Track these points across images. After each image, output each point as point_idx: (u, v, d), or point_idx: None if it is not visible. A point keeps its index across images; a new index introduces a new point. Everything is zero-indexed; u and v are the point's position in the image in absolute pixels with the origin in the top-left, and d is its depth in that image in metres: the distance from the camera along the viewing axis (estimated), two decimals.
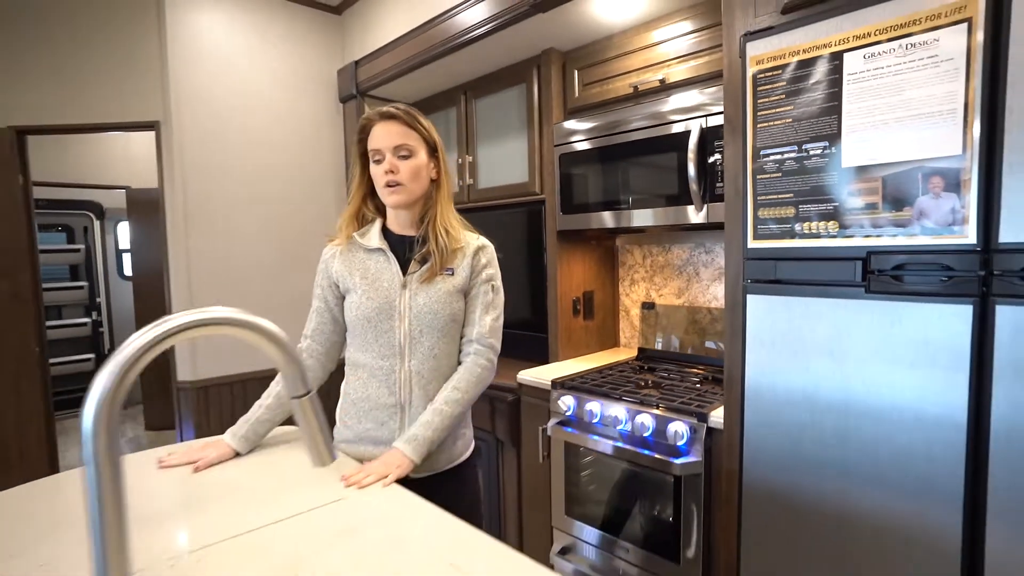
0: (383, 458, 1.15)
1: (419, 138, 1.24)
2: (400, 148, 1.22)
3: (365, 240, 1.28)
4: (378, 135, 1.23)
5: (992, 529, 1.02)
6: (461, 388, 1.24)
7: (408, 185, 1.23)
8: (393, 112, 1.23)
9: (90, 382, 0.53)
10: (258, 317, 0.62)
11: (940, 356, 1.06)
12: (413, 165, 1.23)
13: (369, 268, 1.27)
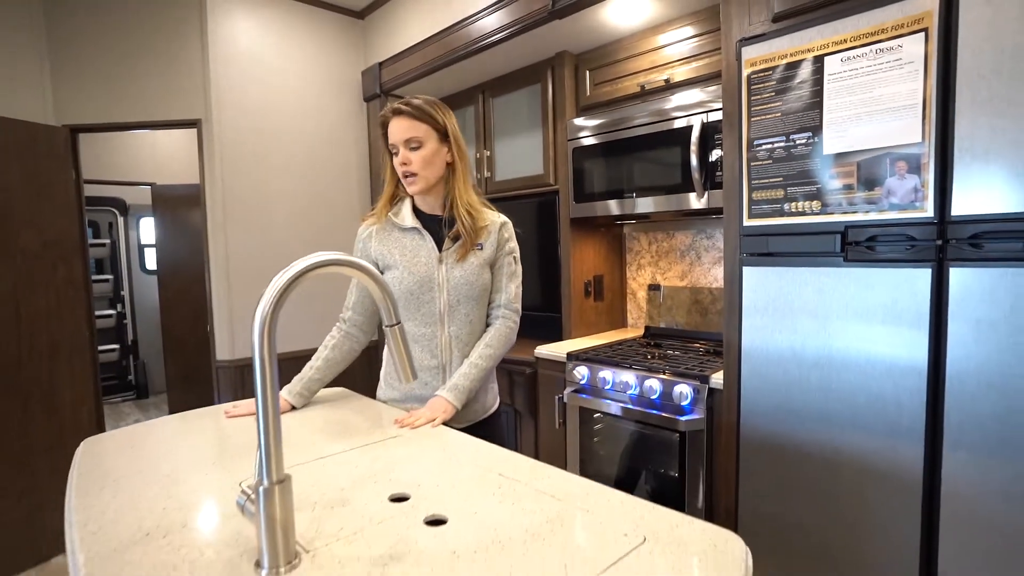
0: (429, 404, 1.34)
1: (427, 128, 1.36)
2: (410, 141, 1.35)
3: (399, 220, 1.42)
4: (392, 130, 1.37)
5: (947, 458, 1.21)
6: (493, 345, 1.43)
7: (422, 173, 1.36)
8: (400, 108, 1.36)
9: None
10: (361, 260, 0.81)
11: (905, 314, 1.25)
12: (423, 155, 1.35)
13: (406, 246, 1.42)
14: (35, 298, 2.46)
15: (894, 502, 1.29)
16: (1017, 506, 1.13)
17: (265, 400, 0.71)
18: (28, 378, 2.43)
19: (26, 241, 2.43)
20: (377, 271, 0.83)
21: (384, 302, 0.84)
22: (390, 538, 0.79)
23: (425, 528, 0.83)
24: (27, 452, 2.43)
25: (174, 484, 1.00)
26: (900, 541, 1.28)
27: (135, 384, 5.66)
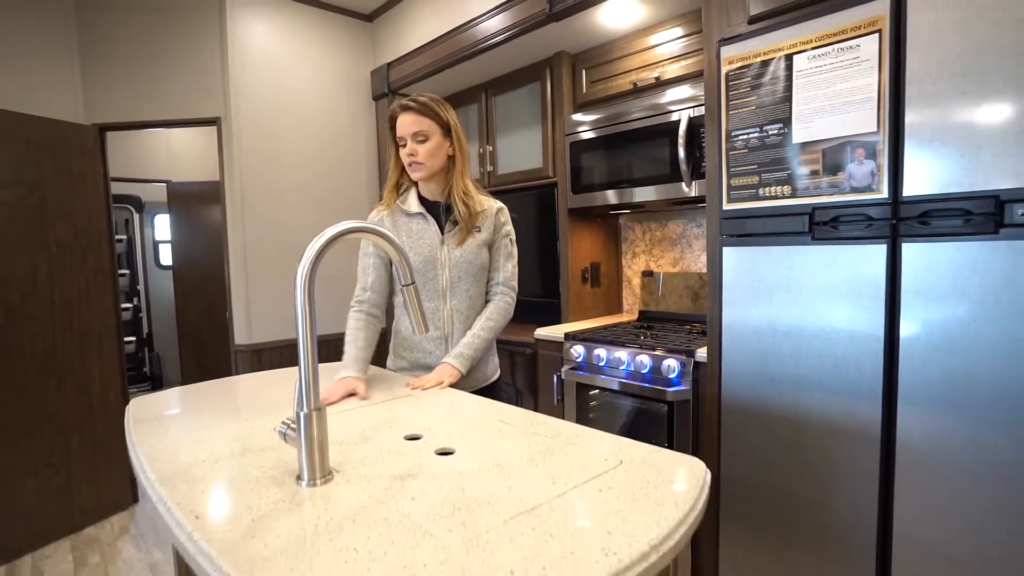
0: (437, 370, 1.49)
1: (432, 123, 1.49)
2: (417, 134, 1.48)
3: (406, 206, 1.57)
4: (400, 124, 1.50)
5: (901, 414, 1.35)
6: (493, 318, 1.58)
7: (426, 163, 1.50)
8: (409, 104, 1.49)
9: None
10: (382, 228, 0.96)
11: (865, 285, 1.39)
12: (428, 147, 1.50)
13: (412, 229, 1.56)
14: (68, 285, 2.63)
15: (856, 455, 1.43)
16: (960, 454, 1.27)
17: (305, 343, 0.86)
18: (62, 360, 2.60)
19: (59, 232, 2.60)
20: (393, 237, 0.98)
21: (401, 265, 0.99)
22: (406, 463, 0.94)
23: (436, 457, 0.98)
24: (61, 428, 2.60)
25: (216, 429, 1.15)
26: (861, 490, 1.42)
27: (150, 375, 5.84)
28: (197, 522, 0.76)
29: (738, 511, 1.70)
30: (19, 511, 2.44)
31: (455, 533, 0.71)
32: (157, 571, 2.32)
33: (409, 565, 0.64)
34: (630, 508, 0.77)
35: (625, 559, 0.65)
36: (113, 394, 2.83)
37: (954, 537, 1.28)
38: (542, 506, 0.77)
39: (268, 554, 0.67)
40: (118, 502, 2.88)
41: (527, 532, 0.70)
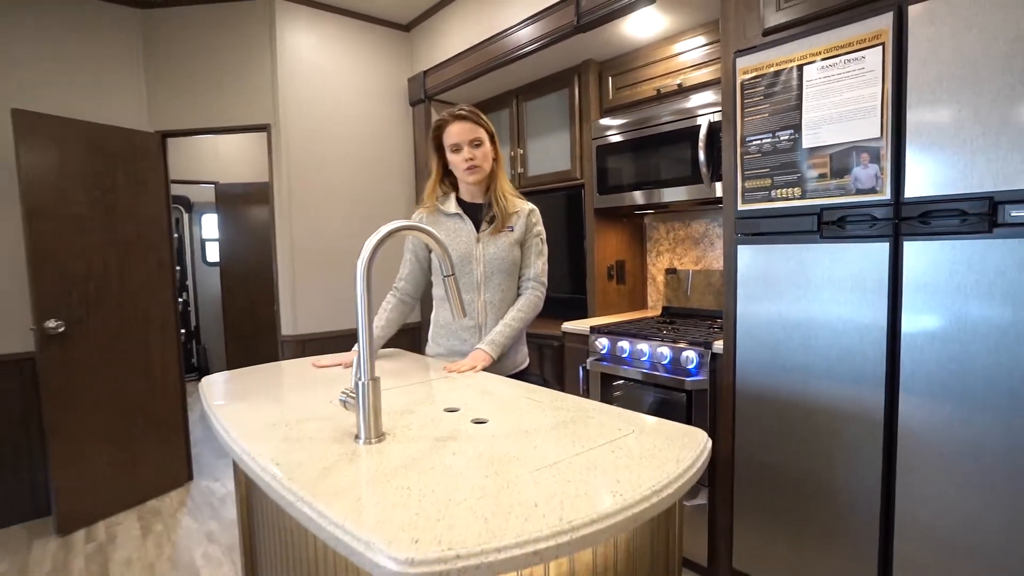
0: (471, 355, 1.64)
1: (484, 131, 1.66)
2: (474, 140, 1.64)
3: (445, 207, 1.72)
4: (456, 131, 1.64)
5: (903, 399, 1.44)
6: (523, 310, 1.72)
7: (482, 165, 1.67)
8: (465, 113, 1.64)
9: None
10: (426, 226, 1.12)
11: (869, 281, 1.49)
12: (484, 150, 1.66)
13: (450, 228, 1.72)
14: (133, 278, 2.88)
15: (860, 439, 1.53)
16: (956, 438, 1.36)
17: (363, 325, 1.02)
18: (128, 345, 2.85)
19: (127, 230, 2.85)
20: (437, 234, 1.13)
21: (443, 258, 1.15)
22: (446, 429, 1.10)
23: (472, 424, 1.13)
24: (128, 407, 2.85)
25: (281, 399, 1.33)
26: (865, 471, 1.52)
27: (197, 366, 6.17)
28: (277, 468, 0.93)
29: (751, 491, 1.81)
30: (93, 482, 2.70)
31: (489, 479, 0.85)
32: (213, 538, 2.54)
33: (453, 499, 0.79)
34: (637, 464, 0.90)
35: (629, 499, 0.79)
36: (172, 378, 3.08)
37: (952, 518, 1.38)
38: (562, 461, 0.92)
39: (339, 489, 0.83)
40: (176, 479, 3.13)
41: (549, 479, 0.85)
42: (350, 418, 1.17)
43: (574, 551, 0.72)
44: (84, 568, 2.32)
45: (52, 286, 2.54)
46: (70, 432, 2.61)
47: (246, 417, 1.21)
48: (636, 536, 0.96)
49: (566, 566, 0.86)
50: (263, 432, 1.11)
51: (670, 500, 0.84)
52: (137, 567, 2.32)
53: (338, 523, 0.74)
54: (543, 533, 0.70)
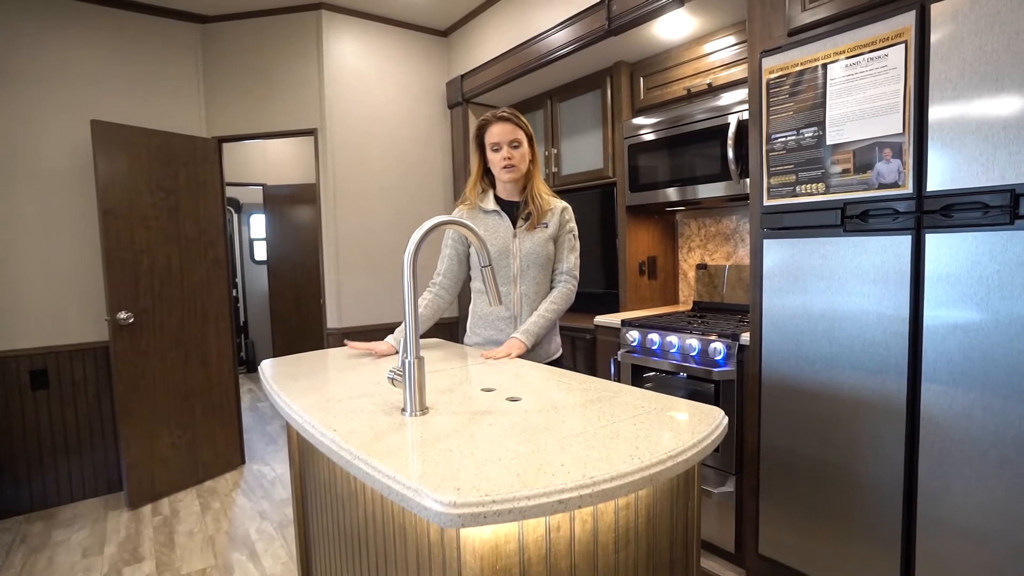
0: (506, 343, 1.75)
1: (523, 133, 1.77)
2: (513, 141, 1.75)
3: (484, 204, 1.83)
4: (497, 131, 1.75)
5: (925, 389, 1.48)
6: (556, 302, 1.82)
7: (519, 166, 1.77)
8: (507, 115, 1.76)
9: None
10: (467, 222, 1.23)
11: (891, 274, 1.53)
12: (521, 152, 1.77)
13: (489, 224, 1.83)
14: (193, 273, 3.11)
15: (883, 427, 1.57)
16: (977, 426, 1.39)
17: (410, 310, 1.14)
18: (188, 335, 3.08)
19: (188, 229, 3.07)
20: (476, 228, 1.24)
21: (481, 250, 1.26)
22: (483, 405, 1.21)
23: (506, 402, 1.24)
24: (188, 393, 3.08)
25: (332, 380, 1.47)
26: (888, 460, 1.56)
27: (246, 359, 6.49)
28: (334, 434, 1.06)
29: (776, 479, 1.86)
30: (158, 461, 2.93)
31: (521, 445, 0.96)
32: (265, 516, 2.73)
33: (489, 459, 0.90)
34: (656, 434, 0.99)
35: (647, 461, 0.88)
36: (227, 368, 3.29)
37: (974, 506, 1.41)
38: (588, 432, 1.01)
39: (390, 450, 0.95)
40: (230, 461, 3.34)
41: (575, 446, 0.95)
42: (395, 395, 1.30)
43: (595, 503, 0.82)
44: (153, 537, 2.53)
45: (123, 280, 2.77)
46: (139, 415, 2.85)
47: (304, 395, 1.35)
48: (656, 503, 1.05)
49: (590, 525, 0.96)
50: (320, 406, 1.24)
51: (684, 465, 0.93)
52: (199, 538, 2.52)
53: (390, 475, 0.85)
54: (568, 486, 0.80)
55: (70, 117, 2.88)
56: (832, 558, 1.71)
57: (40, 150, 2.83)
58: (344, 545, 1.48)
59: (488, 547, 0.85)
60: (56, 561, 2.36)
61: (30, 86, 2.79)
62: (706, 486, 2.13)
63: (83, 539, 2.54)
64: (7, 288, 2.77)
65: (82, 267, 2.93)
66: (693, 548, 1.16)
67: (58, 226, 2.88)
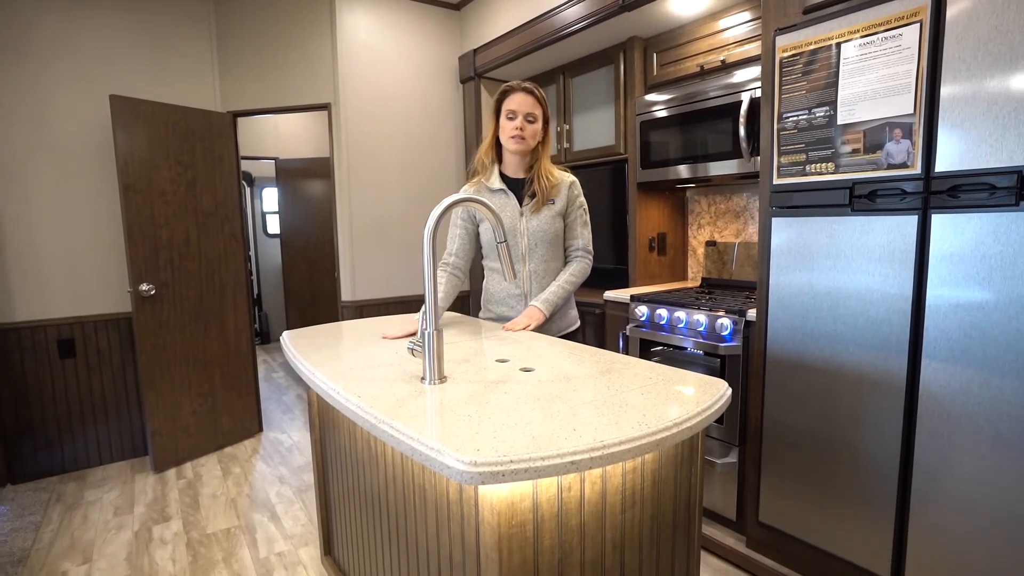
0: (525, 312, 1.79)
1: (542, 111, 1.80)
2: (530, 115, 1.78)
3: (489, 183, 1.86)
4: (517, 100, 1.76)
5: (925, 365, 1.52)
6: (575, 274, 1.88)
7: (527, 140, 1.79)
8: (531, 88, 1.78)
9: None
10: (482, 199, 1.28)
11: (897, 253, 1.56)
12: (535, 128, 1.80)
13: (496, 203, 1.82)
14: (210, 246, 3.17)
15: (883, 403, 1.62)
16: (975, 401, 1.44)
17: (430, 284, 1.19)
18: (207, 307, 3.16)
19: (205, 203, 3.13)
20: (490, 204, 1.29)
21: (497, 226, 1.31)
22: (498, 375, 1.27)
23: (520, 372, 1.30)
24: (208, 363, 3.18)
25: (352, 350, 1.53)
26: (886, 434, 1.62)
27: (260, 331, 6.61)
28: (359, 400, 1.12)
29: (778, 451, 1.92)
30: (181, 428, 3.05)
31: (536, 411, 1.02)
32: (284, 481, 2.84)
33: (506, 423, 0.96)
34: (663, 403, 1.05)
35: (654, 427, 0.94)
36: (244, 339, 3.38)
37: (968, 479, 1.46)
38: (598, 400, 1.07)
39: (412, 415, 1.01)
40: (248, 429, 3.46)
41: (586, 412, 1.01)
42: (413, 365, 1.36)
43: (605, 464, 0.88)
44: (179, 499, 2.66)
45: (144, 253, 2.84)
46: (161, 384, 2.95)
47: (327, 364, 1.41)
48: (662, 468, 1.12)
49: (599, 487, 1.02)
50: (343, 374, 1.31)
51: (688, 432, 0.98)
52: (222, 501, 2.63)
53: (415, 437, 0.92)
54: (579, 448, 0.86)
55: (86, 92, 2.92)
56: (828, 526, 1.78)
57: (59, 125, 2.88)
58: (365, 505, 1.57)
59: (504, 504, 0.92)
60: (91, 518, 2.49)
61: (47, 62, 2.82)
62: (710, 457, 2.20)
63: (114, 499, 2.67)
64: (33, 260, 2.85)
65: (104, 239, 3.01)
66: (695, 512, 1.22)
67: (78, 200, 2.94)
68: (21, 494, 2.74)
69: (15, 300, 2.82)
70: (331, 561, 2.01)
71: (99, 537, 2.33)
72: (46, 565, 2.14)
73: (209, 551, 2.21)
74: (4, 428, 2.81)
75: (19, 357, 2.83)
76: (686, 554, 1.21)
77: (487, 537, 0.95)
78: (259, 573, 2.06)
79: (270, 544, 2.26)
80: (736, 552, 2.06)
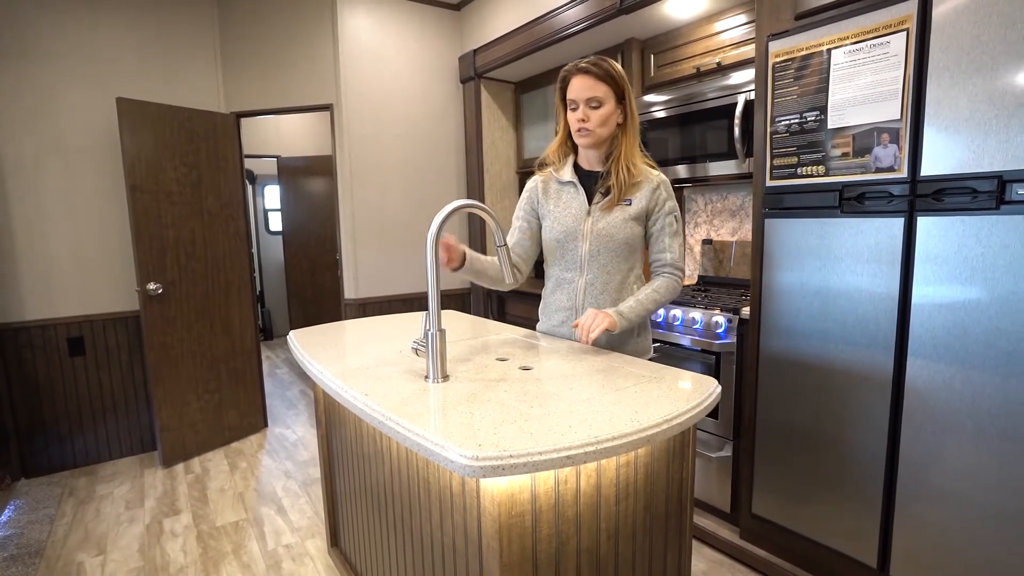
0: (594, 312, 1.46)
1: (608, 89, 1.45)
2: (591, 99, 1.45)
3: (560, 175, 1.58)
4: (575, 87, 1.46)
5: (911, 363, 1.58)
6: (660, 291, 1.54)
7: (596, 130, 1.48)
8: (587, 67, 1.45)
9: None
10: (484, 205, 1.33)
11: (884, 254, 1.61)
12: (602, 113, 1.46)
13: (562, 198, 1.58)
14: (216, 246, 3.23)
15: (870, 398, 1.68)
16: (957, 396, 1.49)
17: (433, 285, 1.25)
18: (212, 305, 3.22)
19: (210, 203, 3.18)
20: (490, 209, 1.33)
21: (497, 230, 1.36)
22: (498, 374, 1.33)
23: (520, 371, 1.35)
24: (214, 360, 3.24)
25: (357, 350, 1.59)
26: (873, 428, 1.67)
27: (263, 328, 6.67)
28: (366, 398, 1.18)
29: (770, 445, 1.98)
30: (188, 423, 3.11)
31: (534, 408, 1.08)
32: (290, 475, 2.91)
33: (505, 420, 1.01)
34: (655, 401, 1.11)
35: (645, 424, 0.99)
36: (248, 336, 3.44)
37: (950, 471, 1.52)
38: (594, 398, 1.13)
39: (417, 412, 1.07)
40: (253, 424, 3.53)
41: (582, 410, 1.06)
42: (417, 364, 1.42)
43: (599, 459, 0.94)
44: (187, 493, 2.72)
45: (151, 253, 2.90)
46: (169, 381, 3.01)
47: (333, 363, 1.47)
48: (654, 462, 1.17)
49: (594, 480, 1.08)
50: (350, 373, 1.36)
51: (679, 428, 1.04)
52: (229, 494, 2.70)
53: (420, 433, 0.98)
54: (575, 443, 0.91)
55: (94, 95, 2.97)
56: (819, 518, 1.84)
57: (66, 127, 2.92)
58: (370, 498, 1.63)
59: (504, 495, 0.97)
60: (103, 512, 2.56)
61: (54, 64, 2.87)
62: (705, 451, 2.26)
63: (124, 493, 2.74)
64: (43, 260, 2.91)
65: (112, 239, 3.06)
66: (687, 503, 1.28)
67: (87, 200, 3.00)
68: (35, 488, 2.81)
69: (25, 300, 2.88)
70: (338, 552, 2.07)
71: (112, 530, 2.40)
72: (62, 556, 2.21)
73: (219, 543, 2.28)
74: (17, 424, 2.88)
75: (30, 355, 2.89)
76: (678, 543, 1.27)
77: (488, 527, 1.01)
78: (268, 564, 2.13)
79: (278, 536, 2.32)
80: (730, 543, 2.13)
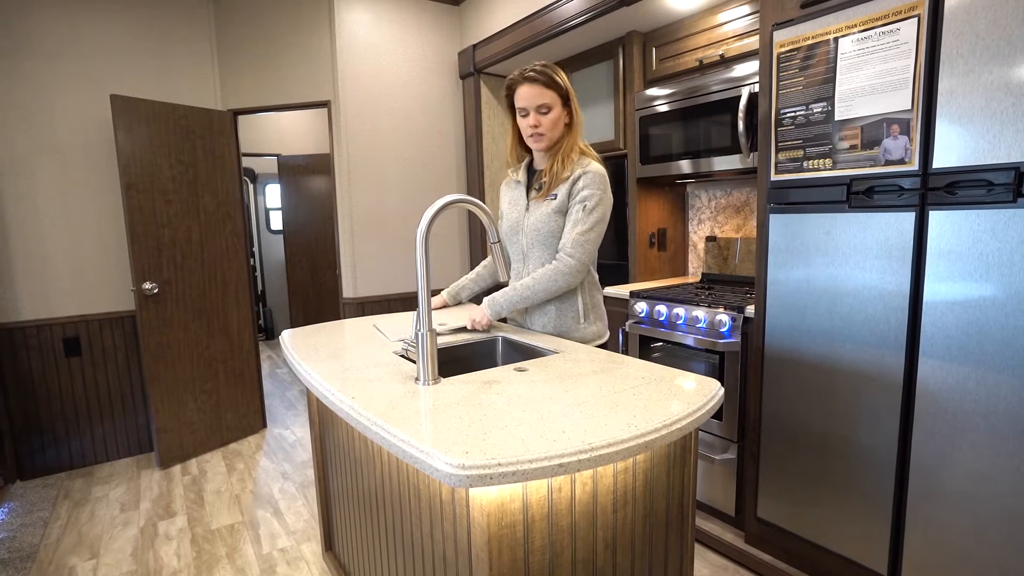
0: (469, 308, 1.69)
1: (554, 94, 1.55)
2: (541, 106, 1.55)
3: (515, 175, 1.74)
4: (523, 95, 1.55)
5: (922, 363, 1.52)
6: (536, 277, 1.60)
7: (548, 134, 1.58)
8: (534, 76, 1.53)
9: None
10: (477, 200, 1.28)
11: (894, 250, 1.55)
12: (551, 118, 1.56)
13: (512, 196, 1.73)
14: (213, 245, 3.19)
15: (880, 400, 1.62)
16: (971, 398, 1.43)
17: (423, 286, 1.20)
18: (210, 305, 3.19)
19: (206, 202, 3.15)
20: (483, 204, 1.29)
21: (490, 226, 1.31)
22: (491, 375, 1.28)
23: (514, 372, 1.30)
24: (212, 360, 3.20)
25: (349, 351, 1.54)
26: (883, 431, 1.62)
27: (264, 327, 6.65)
28: (354, 401, 1.13)
29: (776, 447, 1.93)
30: (185, 424, 3.08)
31: (527, 413, 1.03)
32: (287, 477, 2.87)
33: (497, 425, 0.97)
34: (654, 404, 1.06)
35: (643, 429, 0.94)
36: (247, 336, 3.41)
37: (964, 476, 1.46)
38: (590, 401, 1.08)
39: (405, 416, 1.02)
40: (252, 425, 3.49)
41: (577, 414, 1.01)
42: (409, 365, 1.37)
43: (593, 467, 0.88)
44: (184, 495, 2.69)
45: (146, 252, 2.86)
46: (166, 381, 2.98)
47: (324, 364, 1.42)
48: (653, 468, 1.12)
49: (590, 487, 1.03)
50: (339, 375, 1.32)
51: (679, 433, 0.99)
52: (226, 496, 2.66)
53: (405, 439, 0.93)
54: (568, 451, 0.86)
55: (89, 92, 2.93)
56: (826, 522, 1.79)
57: (60, 125, 2.89)
58: (362, 503, 1.58)
59: (494, 505, 0.93)
60: (97, 514, 2.53)
61: (47, 61, 2.84)
62: (709, 453, 2.21)
63: (120, 495, 2.71)
64: (38, 259, 2.88)
65: (107, 238, 3.03)
66: (688, 511, 1.23)
67: (82, 199, 2.97)
68: (30, 490, 2.78)
69: (21, 299, 2.85)
70: (332, 557, 2.03)
71: (106, 533, 2.36)
72: (54, 560, 2.17)
73: (213, 547, 2.24)
74: (12, 425, 2.85)
75: (26, 356, 2.86)
76: (679, 552, 1.22)
77: (477, 537, 0.96)
78: (262, 568, 2.09)
79: (273, 540, 2.28)
80: (735, 548, 2.07)
